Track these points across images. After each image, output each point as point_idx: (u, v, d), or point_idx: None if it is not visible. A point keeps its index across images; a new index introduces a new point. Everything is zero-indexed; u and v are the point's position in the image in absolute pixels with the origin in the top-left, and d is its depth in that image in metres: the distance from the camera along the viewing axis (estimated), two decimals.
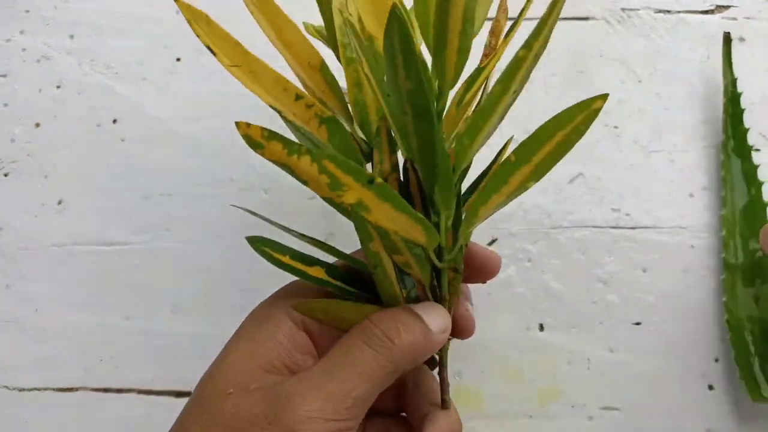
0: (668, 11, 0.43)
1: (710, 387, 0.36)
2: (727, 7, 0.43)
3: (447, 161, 0.24)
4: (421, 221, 0.24)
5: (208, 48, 0.26)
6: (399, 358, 0.24)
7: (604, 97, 0.23)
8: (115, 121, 0.41)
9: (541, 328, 0.37)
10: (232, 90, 0.42)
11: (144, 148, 0.40)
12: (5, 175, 0.40)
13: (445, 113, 0.26)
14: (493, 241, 0.39)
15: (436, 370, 0.29)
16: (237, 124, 0.22)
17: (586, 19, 0.42)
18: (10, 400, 0.36)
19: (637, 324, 0.37)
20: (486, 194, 0.25)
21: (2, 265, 0.39)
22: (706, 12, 0.43)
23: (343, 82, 0.28)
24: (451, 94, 0.26)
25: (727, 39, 0.40)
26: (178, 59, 0.42)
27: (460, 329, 0.29)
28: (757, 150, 0.40)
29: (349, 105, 0.28)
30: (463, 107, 0.26)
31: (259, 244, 0.26)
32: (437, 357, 0.29)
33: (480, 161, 0.29)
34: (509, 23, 0.26)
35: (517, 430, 0.36)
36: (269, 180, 0.40)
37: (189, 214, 0.39)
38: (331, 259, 0.28)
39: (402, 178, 0.26)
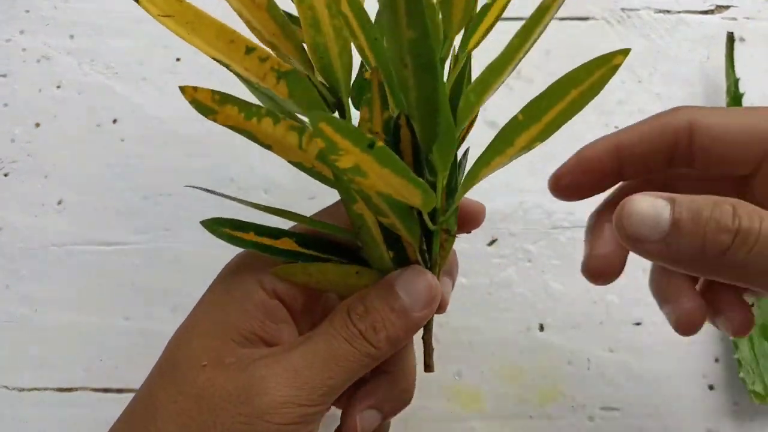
0: (668, 11, 0.43)
1: (710, 387, 0.36)
2: (727, 7, 0.43)
3: (450, 119, 0.22)
4: (420, 185, 0.21)
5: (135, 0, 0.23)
6: (379, 354, 0.24)
7: (625, 51, 0.22)
8: (115, 121, 0.41)
9: (541, 328, 0.37)
10: (232, 90, 0.42)
11: (144, 148, 0.40)
12: (5, 175, 0.40)
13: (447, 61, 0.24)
14: (493, 241, 0.39)
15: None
16: (182, 89, 0.21)
17: (586, 19, 0.42)
18: (10, 400, 0.36)
19: (637, 324, 0.37)
20: (489, 155, 0.23)
21: (2, 265, 0.39)
22: (706, 12, 0.43)
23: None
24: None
25: (731, 39, 0.40)
26: (178, 59, 0.42)
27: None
28: None
29: (306, 49, 0.24)
30: (467, 54, 0.23)
31: (216, 226, 0.24)
32: (432, 361, 0.28)
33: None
34: None
35: (517, 430, 0.36)
36: (269, 180, 0.40)
37: (189, 214, 0.39)
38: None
39: (392, 135, 0.24)
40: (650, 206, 0.21)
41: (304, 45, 0.24)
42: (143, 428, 0.24)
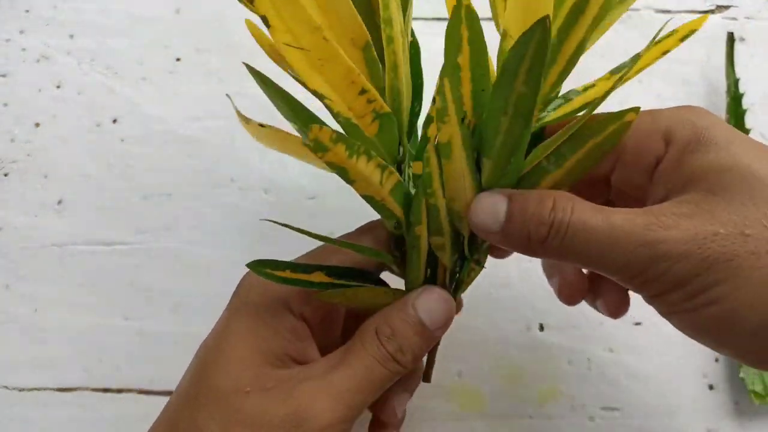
0: (668, 11, 0.43)
1: (710, 387, 0.36)
2: (727, 7, 0.43)
3: (522, 163, 0.25)
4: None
5: (263, 19, 0.22)
6: (406, 371, 0.26)
7: (636, 109, 0.24)
8: (115, 121, 0.41)
9: (541, 328, 0.37)
10: (232, 90, 0.42)
11: (144, 148, 0.40)
12: (5, 175, 0.40)
13: None
14: None
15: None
16: (310, 127, 0.21)
17: None
18: (10, 400, 0.36)
19: (637, 324, 0.37)
20: None
21: (2, 265, 0.39)
22: (706, 12, 0.43)
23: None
24: None
25: (731, 39, 0.40)
26: (178, 59, 0.42)
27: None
28: None
29: (386, 91, 0.26)
30: (540, 124, 0.26)
31: (260, 267, 0.26)
32: (431, 371, 0.30)
33: None
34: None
35: (517, 430, 0.36)
36: (269, 180, 0.40)
37: (189, 214, 0.39)
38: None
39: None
40: (491, 202, 0.25)
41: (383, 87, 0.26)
42: None
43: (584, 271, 0.30)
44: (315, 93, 0.24)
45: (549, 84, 0.25)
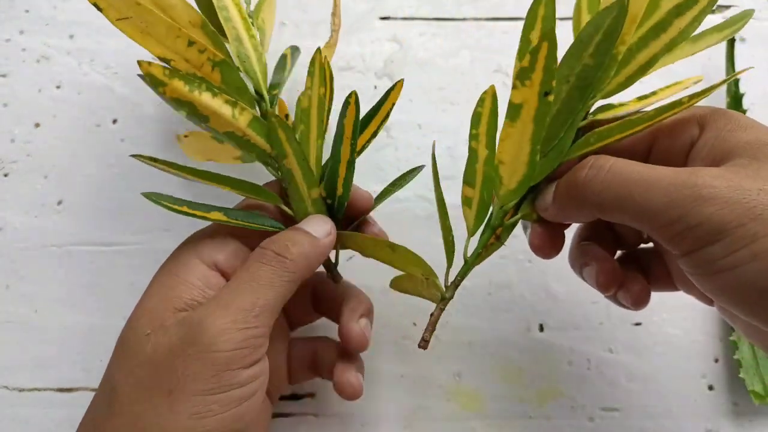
0: None
1: (710, 387, 0.36)
2: (728, 7, 0.43)
3: (568, 144, 0.27)
4: None
5: (95, 5, 0.27)
6: (294, 267, 0.27)
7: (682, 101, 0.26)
8: (115, 121, 0.41)
9: (541, 328, 0.37)
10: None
11: (144, 148, 0.40)
12: (5, 175, 0.40)
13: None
14: None
15: (341, 280, 0.33)
16: (139, 63, 0.25)
17: None
18: (10, 400, 0.36)
19: (637, 324, 0.37)
20: None
21: (2, 265, 0.39)
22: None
23: None
24: None
25: (731, 39, 0.40)
26: None
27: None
28: None
29: (232, 56, 0.31)
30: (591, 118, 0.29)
31: (156, 198, 0.28)
32: (336, 272, 0.32)
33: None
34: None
35: (517, 430, 0.36)
36: (269, 180, 0.40)
37: None
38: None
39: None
40: (547, 189, 0.28)
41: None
42: (107, 410, 0.25)
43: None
44: (160, 59, 0.28)
45: (616, 82, 0.27)
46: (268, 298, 0.26)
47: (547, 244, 0.30)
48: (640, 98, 0.29)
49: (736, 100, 0.40)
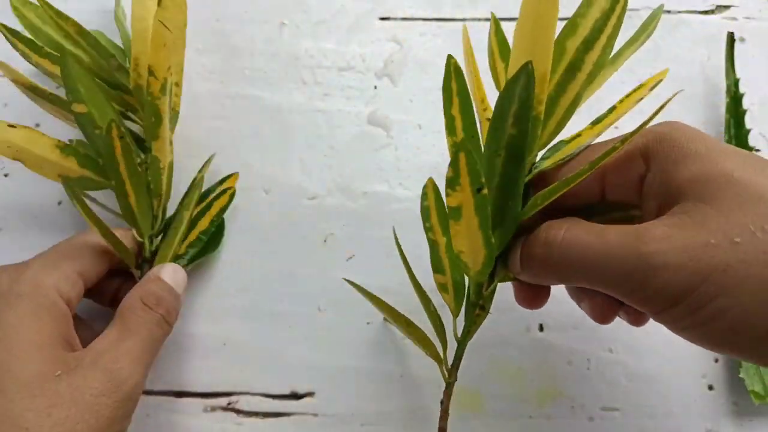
0: (668, 11, 0.43)
1: (710, 387, 0.36)
2: (728, 7, 0.43)
3: (519, 207, 0.27)
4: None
5: None
6: (170, 328, 0.33)
7: (619, 145, 0.25)
8: None
9: (541, 328, 0.37)
10: (232, 90, 0.42)
11: None
12: (5, 175, 0.40)
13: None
14: None
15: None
16: None
17: None
18: None
19: None
20: None
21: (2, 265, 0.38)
22: (706, 12, 0.43)
23: None
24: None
25: (731, 39, 0.40)
26: None
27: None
28: (758, 150, 0.40)
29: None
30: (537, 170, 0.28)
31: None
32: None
33: None
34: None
35: (517, 430, 0.36)
36: (269, 180, 0.40)
37: None
38: None
39: None
40: (515, 252, 0.28)
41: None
42: None
43: None
44: None
45: (547, 133, 0.27)
46: (154, 356, 0.32)
47: (531, 298, 0.31)
48: (594, 123, 0.29)
49: (735, 100, 0.40)
